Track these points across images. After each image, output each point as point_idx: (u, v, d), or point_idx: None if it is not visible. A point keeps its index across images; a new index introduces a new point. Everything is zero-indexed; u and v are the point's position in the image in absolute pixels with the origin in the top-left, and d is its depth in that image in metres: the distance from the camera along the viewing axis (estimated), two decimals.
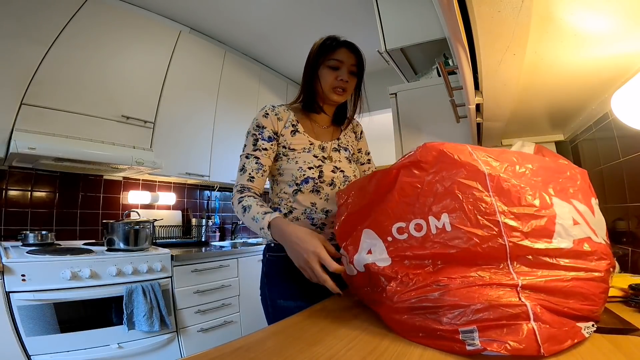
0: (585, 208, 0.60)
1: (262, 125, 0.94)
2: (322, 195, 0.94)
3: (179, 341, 1.78)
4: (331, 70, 0.96)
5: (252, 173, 0.91)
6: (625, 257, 1.01)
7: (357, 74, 1.01)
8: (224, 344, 0.58)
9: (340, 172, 0.98)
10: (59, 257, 1.47)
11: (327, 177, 0.95)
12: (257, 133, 0.94)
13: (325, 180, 0.95)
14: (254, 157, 0.92)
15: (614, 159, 1.07)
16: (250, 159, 0.93)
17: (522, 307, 0.48)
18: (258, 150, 0.93)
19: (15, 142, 1.53)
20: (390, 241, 0.64)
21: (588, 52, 0.74)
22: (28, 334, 1.31)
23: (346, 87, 0.98)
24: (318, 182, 0.94)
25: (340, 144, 1.05)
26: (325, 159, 0.97)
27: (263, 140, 0.93)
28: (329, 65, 0.97)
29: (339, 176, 0.97)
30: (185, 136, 2.33)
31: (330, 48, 0.97)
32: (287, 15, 2.43)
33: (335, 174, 0.97)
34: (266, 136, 0.94)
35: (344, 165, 1.01)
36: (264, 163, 0.93)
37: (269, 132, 0.94)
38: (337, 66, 0.96)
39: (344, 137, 1.08)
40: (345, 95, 0.99)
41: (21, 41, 1.65)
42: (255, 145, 0.93)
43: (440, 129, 1.62)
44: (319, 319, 0.73)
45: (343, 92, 0.98)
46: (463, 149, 0.62)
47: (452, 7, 0.51)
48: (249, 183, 0.91)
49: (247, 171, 0.92)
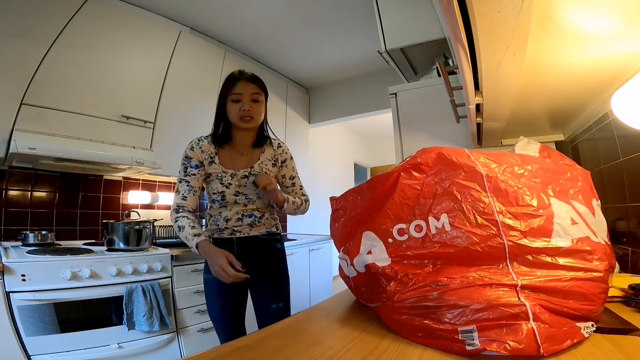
0: (585, 209, 0.60)
1: (190, 157, 1.18)
2: (227, 209, 1.20)
3: (179, 341, 1.78)
4: (234, 103, 1.15)
5: (185, 193, 1.16)
6: (625, 257, 1.01)
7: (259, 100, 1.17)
8: (224, 344, 0.58)
9: (242, 195, 1.20)
10: (59, 257, 1.47)
11: (229, 199, 1.19)
12: (186, 162, 1.18)
13: (229, 200, 1.19)
14: (185, 181, 1.17)
15: (614, 159, 1.07)
16: (182, 183, 1.17)
17: (521, 307, 0.48)
18: (188, 176, 1.17)
19: (15, 142, 1.53)
20: (390, 242, 0.64)
21: (588, 52, 0.74)
22: (28, 334, 1.31)
23: (251, 114, 1.15)
24: (222, 202, 1.20)
25: (252, 172, 1.20)
26: (230, 185, 1.18)
27: (191, 168, 1.17)
28: (231, 100, 1.15)
29: (241, 198, 1.19)
30: (185, 136, 2.28)
31: (230, 84, 1.16)
32: (287, 15, 2.42)
33: (237, 197, 1.19)
34: (193, 164, 1.18)
35: (247, 190, 1.20)
36: (194, 185, 1.17)
37: (196, 161, 1.18)
38: (238, 99, 1.15)
39: (258, 165, 1.22)
40: (254, 121, 1.17)
41: (21, 41, 1.64)
42: (186, 172, 1.17)
43: (440, 129, 1.62)
44: (319, 319, 0.73)
45: (251, 119, 1.15)
46: (461, 151, 0.63)
47: (452, 7, 0.51)
48: (182, 202, 1.15)
49: (180, 192, 1.17)
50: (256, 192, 1.20)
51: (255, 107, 1.16)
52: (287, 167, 1.29)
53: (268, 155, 1.25)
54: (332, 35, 2.69)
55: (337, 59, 3.12)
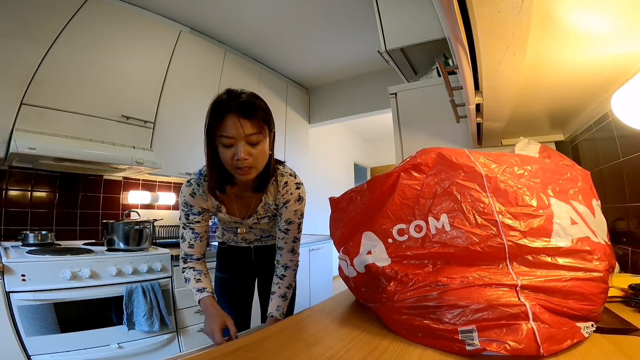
0: (585, 209, 0.60)
1: (190, 204, 1.00)
2: (241, 234, 1.17)
3: (179, 341, 1.77)
4: (226, 149, 0.84)
5: (191, 241, 1.03)
6: (625, 257, 1.01)
7: (260, 141, 0.86)
8: (224, 344, 0.58)
9: (257, 229, 1.14)
10: (59, 257, 1.47)
11: (242, 232, 1.15)
12: (186, 209, 1.01)
13: (242, 234, 1.16)
14: (190, 228, 1.03)
15: (614, 159, 1.07)
16: (187, 230, 1.03)
17: (521, 307, 0.48)
18: (192, 223, 1.02)
19: (15, 142, 1.53)
20: (390, 243, 0.64)
21: (588, 52, 0.74)
22: (28, 334, 1.31)
23: (250, 163, 0.85)
24: (236, 232, 1.15)
25: (259, 216, 1.07)
26: (242, 224, 1.10)
27: (194, 215, 1.02)
28: (222, 143, 0.85)
29: (256, 230, 1.15)
30: (185, 136, 2.33)
31: (217, 119, 0.83)
32: (287, 15, 2.42)
33: (252, 229, 1.14)
34: (195, 211, 1.01)
35: (261, 225, 1.12)
36: (199, 231, 1.03)
37: (198, 208, 1.01)
38: (230, 144, 0.83)
39: (262, 208, 1.04)
40: (254, 171, 0.88)
41: (21, 41, 1.64)
42: (188, 219, 1.02)
43: (440, 129, 1.62)
44: (319, 319, 0.73)
45: (249, 169, 0.87)
46: (461, 152, 0.63)
47: (452, 7, 0.51)
48: (190, 250, 1.04)
49: (186, 240, 1.03)
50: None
51: (256, 151, 0.85)
52: (288, 210, 1.02)
53: (270, 197, 1.03)
54: (332, 35, 2.69)
55: (337, 59, 3.12)
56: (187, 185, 1.00)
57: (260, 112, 0.85)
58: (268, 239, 1.22)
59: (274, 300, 1.04)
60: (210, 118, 0.85)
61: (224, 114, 0.82)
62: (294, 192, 1.02)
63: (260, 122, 0.85)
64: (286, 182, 1.02)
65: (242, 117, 0.82)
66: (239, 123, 0.82)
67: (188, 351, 0.56)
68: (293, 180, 1.03)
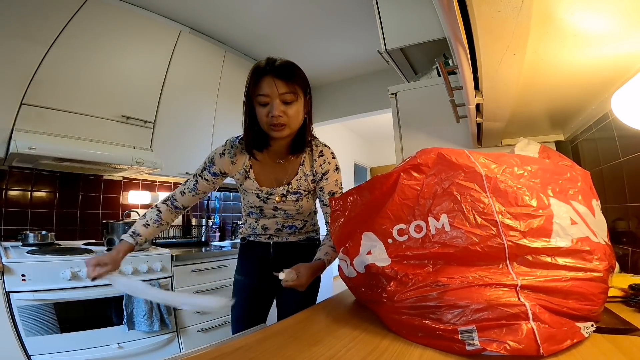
0: (585, 209, 0.60)
1: (214, 162, 1.04)
2: (266, 218, 1.11)
3: (179, 341, 1.78)
4: (261, 107, 0.91)
5: (186, 190, 1.07)
6: (625, 257, 1.01)
7: (293, 100, 0.91)
8: (224, 344, 0.58)
9: (281, 210, 1.08)
10: (59, 257, 1.47)
11: (267, 213, 1.09)
12: (208, 164, 1.04)
13: (267, 214, 1.10)
14: (196, 180, 1.06)
15: (614, 159, 1.07)
16: (193, 179, 1.06)
17: (521, 307, 0.48)
18: (201, 177, 1.05)
19: (15, 142, 1.53)
20: (390, 243, 0.64)
21: (588, 52, 0.74)
22: (28, 334, 1.31)
23: (283, 120, 0.90)
24: (260, 215, 1.11)
25: (290, 189, 1.04)
26: (268, 200, 1.06)
27: (209, 173, 1.04)
28: (258, 102, 0.92)
29: (280, 212, 1.08)
30: (185, 136, 2.33)
31: (255, 81, 0.91)
32: (287, 15, 2.42)
33: (276, 211, 1.08)
34: (212, 171, 1.04)
35: (287, 205, 1.07)
36: (200, 188, 1.06)
37: (217, 169, 1.04)
38: (265, 102, 0.90)
39: (296, 182, 1.04)
40: (287, 129, 0.92)
41: (21, 41, 1.64)
42: (202, 172, 1.05)
43: (440, 129, 1.62)
44: (319, 318, 0.73)
45: (282, 127, 0.91)
46: (461, 152, 0.63)
47: (452, 7, 0.51)
48: (177, 195, 1.08)
49: (185, 185, 1.07)
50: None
51: (290, 110, 0.91)
52: (329, 181, 1.04)
53: (307, 168, 1.04)
54: (332, 35, 2.69)
55: (337, 58, 3.12)
56: (223, 145, 1.04)
57: (294, 75, 0.92)
58: (290, 232, 1.13)
59: (323, 247, 1.02)
60: (249, 81, 0.92)
61: (261, 76, 0.90)
62: (332, 162, 1.05)
63: (294, 84, 0.91)
64: (321, 151, 1.06)
65: (276, 77, 0.89)
66: (274, 82, 0.88)
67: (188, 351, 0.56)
68: (328, 150, 1.07)
